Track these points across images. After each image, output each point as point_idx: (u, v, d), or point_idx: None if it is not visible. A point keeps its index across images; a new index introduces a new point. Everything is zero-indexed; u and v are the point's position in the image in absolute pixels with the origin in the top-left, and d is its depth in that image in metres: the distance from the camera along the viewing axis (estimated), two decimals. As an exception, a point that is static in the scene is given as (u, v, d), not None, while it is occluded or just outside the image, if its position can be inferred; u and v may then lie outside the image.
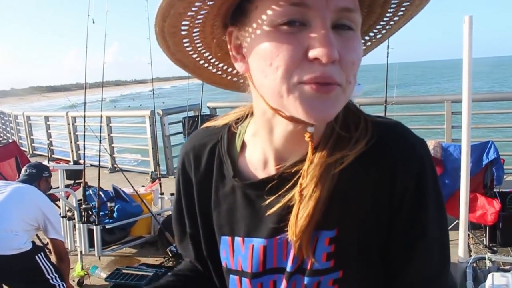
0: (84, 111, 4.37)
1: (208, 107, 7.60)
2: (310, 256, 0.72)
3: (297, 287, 0.75)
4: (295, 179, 0.72)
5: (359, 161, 0.70)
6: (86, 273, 3.88)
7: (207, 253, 0.87)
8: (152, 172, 6.47)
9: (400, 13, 0.72)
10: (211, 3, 0.64)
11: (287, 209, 0.72)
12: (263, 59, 0.63)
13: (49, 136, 10.73)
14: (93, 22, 4.05)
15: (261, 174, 0.78)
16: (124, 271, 3.61)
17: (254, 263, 0.77)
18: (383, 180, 0.71)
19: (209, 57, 0.79)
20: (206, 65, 0.80)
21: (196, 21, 0.68)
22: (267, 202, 0.75)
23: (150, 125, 7.59)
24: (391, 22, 0.75)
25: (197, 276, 0.93)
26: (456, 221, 3.55)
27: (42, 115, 11.05)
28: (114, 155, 8.72)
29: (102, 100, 4.43)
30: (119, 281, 3.47)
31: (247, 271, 0.78)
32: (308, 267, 0.73)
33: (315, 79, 0.60)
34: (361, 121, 0.74)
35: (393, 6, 0.71)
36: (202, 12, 0.66)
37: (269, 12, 0.61)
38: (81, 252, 3.95)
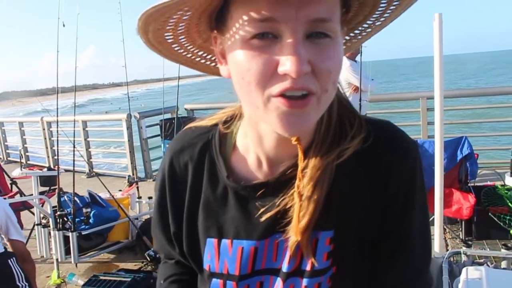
0: (57, 116, 4.29)
1: (186, 109, 7.56)
2: (310, 256, 0.72)
3: None
4: (291, 182, 0.72)
5: (356, 159, 0.72)
6: (62, 281, 3.81)
7: (189, 255, 0.84)
8: (129, 176, 6.39)
9: (389, 11, 0.71)
10: (186, 17, 0.64)
11: (283, 212, 0.72)
12: (237, 72, 0.63)
13: (24, 142, 10.51)
14: (63, 25, 3.98)
15: (255, 176, 0.78)
16: (101, 277, 3.55)
17: (242, 265, 0.76)
18: (378, 179, 0.73)
19: (204, 54, 0.78)
20: (202, 60, 0.80)
21: (179, 30, 0.68)
22: (262, 205, 0.74)
23: (127, 129, 7.50)
24: (382, 19, 0.74)
25: (192, 277, 0.90)
26: (432, 217, 3.60)
27: (16, 121, 10.81)
28: (91, 160, 8.59)
29: (75, 104, 4.35)
30: (96, 288, 3.42)
31: (234, 273, 0.77)
32: (309, 268, 0.73)
33: (285, 90, 0.60)
34: (356, 118, 0.75)
35: (383, 5, 0.70)
36: (181, 24, 0.66)
37: (241, 25, 0.61)
38: (57, 259, 3.87)
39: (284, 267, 0.75)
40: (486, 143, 7.50)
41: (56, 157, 8.63)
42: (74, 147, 4.36)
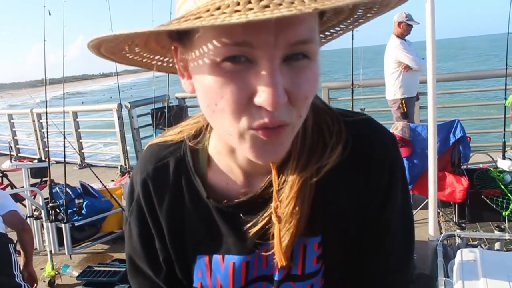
0: (46, 107, 4.23)
1: (177, 98, 7.49)
2: (294, 264, 0.73)
3: None
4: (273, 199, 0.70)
5: (335, 166, 0.70)
6: (57, 272, 3.79)
7: (182, 275, 0.80)
8: (121, 166, 6.37)
9: (369, 14, 0.66)
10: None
11: (268, 226, 0.71)
12: (208, 97, 0.57)
13: (14, 134, 10.41)
14: (49, 14, 3.89)
15: (235, 192, 0.74)
16: (96, 268, 3.54)
17: (235, 280, 0.75)
18: (359, 179, 0.72)
19: (161, 58, 0.72)
20: (159, 63, 0.74)
21: (136, 48, 0.64)
22: (247, 220, 0.72)
23: (118, 118, 7.44)
24: (360, 20, 0.69)
25: None
26: (426, 200, 3.60)
27: (5, 113, 10.69)
28: (82, 151, 8.53)
29: (64, 95, 4.29)
30: (91, 279, 3.41)
31: None
32: (299, 273, 0.73)
33: (264, 125, 0.55)
34: (335, 123, 0.72)
35: (359, 13, 0.65)
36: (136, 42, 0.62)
37: (211, 46, 0.53)
38: (50, 251, 3.85)
39: (275, 275, 0.75)
40: (478, 126, 7.53)
41: (47, 149, 8.57)
42: (64, 138, 4.31)
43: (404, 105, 5.15)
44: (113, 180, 5.21)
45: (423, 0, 2.58)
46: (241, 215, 0.73)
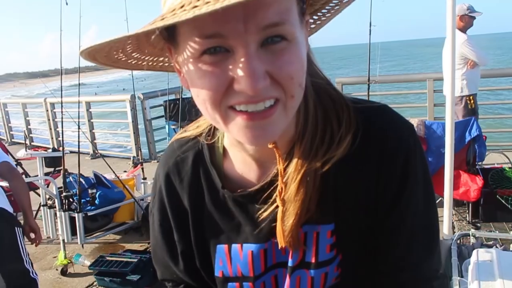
0: (61, 97, 4.25)
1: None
2: (308, 251, 0.73)
3: (302, 282, 0.75)
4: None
5: (346, 154, 0.69)
6: (69, 261, 3.82)
7: (201, 265, 0.83)
8: (134, 157, 6.39)
9: None
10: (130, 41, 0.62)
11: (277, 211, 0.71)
12: (192, 89, 0.61)
13: (27, 123, 10.51)
14: (66, 4, 3.90)
15: (249, 181, 0.77)
16: (108, 258, 3.57)
17: (255, 267, 0.77)
18: (371, 168, 0.71)
19: (161, 58, 0.75)
20: (161, 64, 0.77)
21: (128, 51, 0.66)
22: (261, 208, 0.73)
23: (131, 110, 7.46)
24: (336, 7, 0.71)
25: None
26: (440, 199, 3.57)
27: (20, 102, 10.78)
28: (95, 141, 8.58)
29: (79, 85, 4.31)
30: (103, 269, 3.44)
31: (248, 275, 0.77)
32: (313, 260, 0.74)
33: (244, 103, 0.57)
34: (344, 111, 0.71)
35: None
36: (128, 47, 0.64)
37: (190, 42, 0.57)
38: (63, 240, 3.88)
39: (289, 261, 0.75)
40: (494, 125, 7.44)
41: (60, 139, 8.64)
42: (78, 128, 4.33)
43: (472, 101, 4.96)
44: (125, 171, 5.24)
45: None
46: (255, 204, 0.74)
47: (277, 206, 0.71)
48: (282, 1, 0.55)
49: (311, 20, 0.74)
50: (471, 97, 4.98)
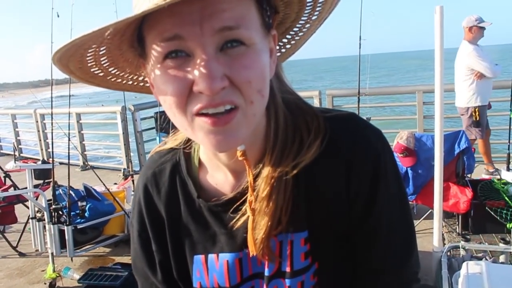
0: (51, 108, 4.22)
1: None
2: (277, 260, 0.74)
3: None
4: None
5: (315, 161, 0.71)
6: (58, 275, 3.77)
7: (178, 277, 0.84)
8: (124, 169, 6.36)
9: (315, 15, 0.71)
10: (104, 51, 0.63)
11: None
12: (160, 97, 0.63)
13: (17, 134, 10.42)
14: (58, 16, 3.91)
15: (224, 190, 0.78)
16: (97, 271, 3.53)
17: (231, 277, 0.77)
18: (340, 174, 0.72)
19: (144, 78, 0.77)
20: (141, 84, 0.79)
21: (104, 64, 0.67)
22: (234, 217, 0.74)
23: (122, 121, 7.43)
24: (307, 25, 0.74)
25: None
26: (430, 211, 3.59)
27: (9, 113, 10.70)
28: (85, 153, 8.53)
29: (70, 96, 4.29)
30: (92, 282, 3.40)
31: (224, 286, 0.78)
32: (288, 269, 0.74)
33: (202, 108, 0.59)
34: (313, 120, 0.73)
35: (308, 9, 0.69)
36: (103, 59, 0.65)
37: (154, 47, 0.59)
38: (52, 253, 3.83)
39: (265, 271, 0.76)
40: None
41: (49, 150, 8.57)
42: (69, 139, 4.30)
43: (477, 113, 4.92)
44: (115, 183, 5.21)
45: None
46: (229, 214, 0.75)
47: (248, 216, 0.72)
48: (238, 8, 0.58)
49: (285, 40, 0.78)
50: (476, 109, 4.94)
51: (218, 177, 0.79)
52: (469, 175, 4.19)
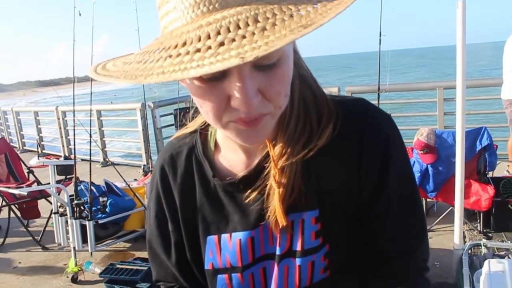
0: (73, 105, 4.30)
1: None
2: (292, 235, 0.75)
3: (290, 271, 0.77)
4: (267, 170, 0.75)
5: (327, 143, 0.73)
6: (80, 269, 3.84)
7: (192, 259, 0.86)
8: (144, 165, 6.43)
9: None
10: None
11: (267, 198, 0.75)
12: (195, 100, 0.65)
13: (39, 131, 10.62)
14: (80, 14, 3.97)
15: (238, 170, 0.80)
16: (118, 266, 3.58)
17: (243, 256, 0.79)
18: (351, 156, 0.74)
19: None
20: None
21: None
22: (248, 196, 0.77)
23: (141, 118, 7.51)
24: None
25: None
26: (451, 208, 3.55)
27: (32, 110, 10.91)
28: (105, 149, 8.64)
29: (91, 94, 4.36)
30: (113, 276, 3.45)
31: (237, 265, 0.80)
32: (299, 248, 0.75)
33: (242, 119, 0.62)
34: (324, 103, 0.75)
35: None
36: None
37: None
38: (74, 248, 3.91)
39: (277, 249, 0.77)
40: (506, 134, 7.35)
41: (71, 147, 8.70)
42: (90, 136, 4.37)
43: None
44: (135, 179, 5.27)
45: None
46: (243, 193, 0.78)
47: (265, 191, 0.75)
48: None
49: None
50: None
51: (232, 157, 0.82)
52: (490, 173, 4.12)
